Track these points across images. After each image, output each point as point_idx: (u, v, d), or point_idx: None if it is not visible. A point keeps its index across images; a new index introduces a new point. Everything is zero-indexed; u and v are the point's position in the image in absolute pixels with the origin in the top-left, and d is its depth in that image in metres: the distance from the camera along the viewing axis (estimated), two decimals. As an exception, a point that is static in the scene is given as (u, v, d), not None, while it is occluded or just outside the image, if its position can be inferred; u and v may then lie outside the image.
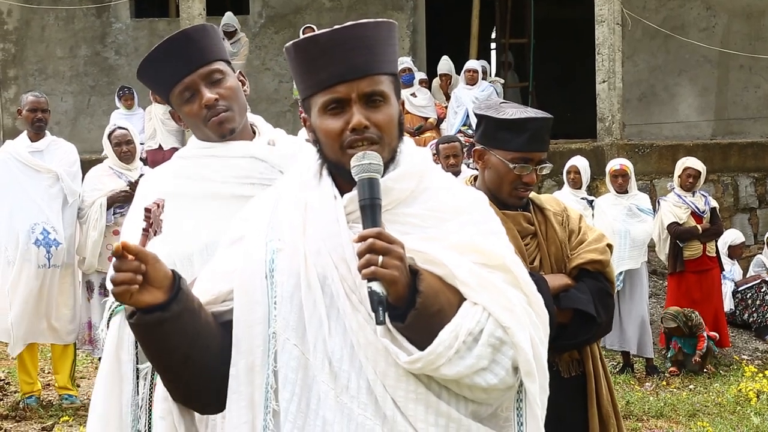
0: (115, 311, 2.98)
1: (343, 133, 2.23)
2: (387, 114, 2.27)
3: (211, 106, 2.94)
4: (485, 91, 13.31)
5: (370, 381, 2.15)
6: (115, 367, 2.98)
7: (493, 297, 2.18)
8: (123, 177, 7.95)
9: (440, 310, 2.15)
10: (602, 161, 11.97)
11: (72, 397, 8.13)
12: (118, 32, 16.28)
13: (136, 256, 2.12)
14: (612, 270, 3.78)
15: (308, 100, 2.31)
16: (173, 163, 3.13)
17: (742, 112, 15.46)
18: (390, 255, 2.08)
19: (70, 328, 7.99)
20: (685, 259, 9.95)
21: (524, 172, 3.60)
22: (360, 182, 2.17)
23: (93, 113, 16.02)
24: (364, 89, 2.24)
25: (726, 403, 8.44)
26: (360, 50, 2.24)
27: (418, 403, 2.14)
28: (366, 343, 2.15)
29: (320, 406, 2.15)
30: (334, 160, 2.27)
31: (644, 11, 14.69)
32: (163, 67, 2.98)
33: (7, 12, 16.22)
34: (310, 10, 16.09)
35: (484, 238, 2.27)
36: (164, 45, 2.98)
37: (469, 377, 2.14)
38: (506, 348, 2.16)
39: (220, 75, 2.98)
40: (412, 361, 2.12)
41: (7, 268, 7.80)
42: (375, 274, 2.06)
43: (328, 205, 2.25)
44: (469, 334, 2.14)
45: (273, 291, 2.21)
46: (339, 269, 2.18)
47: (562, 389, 2.67)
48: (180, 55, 2.95)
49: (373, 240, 2.08)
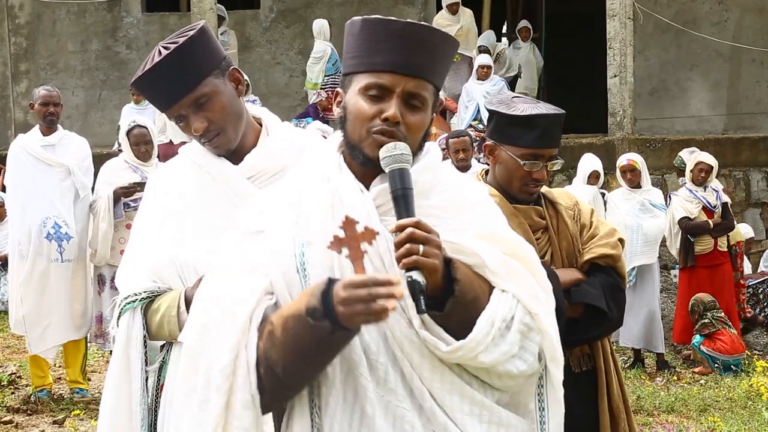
0: (124, 309, 2.97)
1: (373, 119, 2.23)
2: (420, 119, 2.27)
3: (202, 135, 2.93)
4: (496, 86, 13.31)
5: (405, 374, 2.16)
6: (125, 366, 2.97)
7: (520, 284, 2.23)
8: (138, 171, 7.94)
9: (476, 297, 2.18)
10: (613, 156, 11.94)
11: (83, 391, 8.15)
12: (130, 26, 16.31)
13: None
14: (623, 265, 3.78)
15: (351, 76, 2.29)
16: (180, 160, 3.12)
17: (754, 106, 15.40)
18: (429, 244, 2.10)
19: (82, 322, 8.00)
20: (696, 254, 9.94)
21: (534, 168, 3.59)
22: (392, 173, 2.18)
23: (104, 107, 16.05)
24: (409, 88, 2.25)
25: (737, 398, 8.42)
26: (422, 52, 2.25)
27: (453, 394, 2.17)
28: (401, 336, 2.17)
29: (358, 399, 2.16)
30: (355, 141, 2.26)
31: (656, 5, 14.65)
32: (152, 90, 2.98)
33: (18, 6, 16.25)
34: (321, 4, 16.09)
35: (499, 227, 2.33)
36: (152, 70, 2.91)
37: (502, 364, 2.18)
38: (533, 334, 2.22)
39: (205, 98, 2.91)
40: (452, 350, 2.14)
41: (20, 262, 7.83)
42: (417, 263, 2.08)
43: (356, 198, 2.24)
44: (503, 321, 2.18)
45: (306, 284, 2.20)
46: (373, 262, 2.19)
47: (573, 384, 2.67)
48: (168, 79, 2.90)
49: (413, 230, 2.09)
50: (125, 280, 3.02)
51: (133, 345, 2.95)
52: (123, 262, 3.09)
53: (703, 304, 9.57)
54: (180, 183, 3.04)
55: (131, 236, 3.12)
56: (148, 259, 2.98)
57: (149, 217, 3.05)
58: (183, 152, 3.12)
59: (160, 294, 2.95)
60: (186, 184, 3.02)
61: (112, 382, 3.00)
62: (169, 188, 3.05)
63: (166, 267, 2.95)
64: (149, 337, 2.97)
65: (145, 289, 2.95)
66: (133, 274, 2.99)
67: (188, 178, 3.03)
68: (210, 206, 2.96)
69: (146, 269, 2.97)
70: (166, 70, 2.89)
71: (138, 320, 2.94)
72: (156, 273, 2.96)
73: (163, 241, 2.97)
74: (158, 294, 2.95)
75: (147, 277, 2.96)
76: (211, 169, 2.99)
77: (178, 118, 2.97)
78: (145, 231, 3.03)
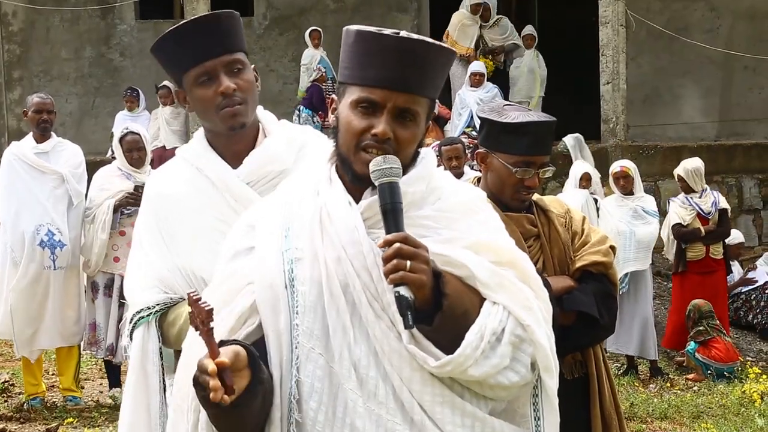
0: (138, 323, 2.94)
1: (363, 133, 2.23)
2: (411, 133, 2.27)
3: (227, 95, 2.88)
4: (489, 93, 13.34)
5: (395, 387, 2.16)
6: (142, 379, 2.94)
7: (512, 296, 2.22)
8: (131, 178, 7.92)
9: (465, 311, 2.18)
10: (606, 163, 11.96)
11: (76, 399, 8.14)
12: (123, 34, 16.31)
13: (220, 370, 2.05)
14: (615, 272, 3.79)
15: (345, 86, 2.29)
16: (177, 163, 3.08)
17: (747, 113, 15.45)
18: (417, 259, 2.10)
19: (75, 330, 8.00)
20: (687, 260, 9.96)
21: (526, 175, 3.60)
22: (381, 187, 2.17)
23: (97, 115, 16.04)
24: (400, 103, 2.24)
25: (730, 404, 8.42)
26: (415, 67, 2.24)
27: (444, 406, 2.17)
28: (390, 350, 2.16)
29: (347, 414, 2.16)
30: (345, 154, 2.26)
31: (648, 13, 14.68)
32: (186, 45, 2.91)
33: (12, 13, 16.25)
34: (314, 11, 16.11)
35: (493, 235, 2.32)
36: (192, 23, 2.92)
37: (493, 377, 2.17)
38: (525, 345, 2.21)
39: (240, 65, 2.93)
40: (441, 365, 2.14)
41: (12, 269, 7.81)
42: (404, 279, 2.08)
43: (344, 212, 2.24)
44: (492, 334, 2.17)
45: (294, 300, 2.20)
46: (361, 277, 2.18)
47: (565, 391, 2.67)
48: (207, 37, 2.89)
49: (400, 245, 2.09)
50: (135, 293, 2.98)
51: (150, 358, 2.92)
52: (129, 273, 3.04)
53: (699, 311, 9.57)
54: (177, 186, 2.99)
55: (133, 245, 3.07)
56: (156, 270, 2.94)
57: (150, 226, 3.01)
58: (180, 153, 3.08)
59: (174, 305, 2.92)
60: (184, 188, 2.98)
61: (129, 395, 2.98)
62: (166, 192, 3.00)
63: (176, 277, 2.91)
64: (167, 347, 2.95)
65: (158, 301, 2.91)
66: (143, 285, 2.95)
67: (186, 182, 2.99)
68: (209, 211, 2.93)
69: (156, 280, 2.93)
70: (207, 27, 2.91)
71: (153, 333, 2.92)
72: (165, 283, 2.92)
73: (169, 250, 2.93)
74: (172, 305, 2.92)
75: (158, 288, 2.92)
76: (210, 173, 2.95)
77: (202, 76, 2.90)
78: (148, 240, 2.99)
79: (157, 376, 2.93)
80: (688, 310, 9.64)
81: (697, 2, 15.59)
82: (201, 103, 2.93)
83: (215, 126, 2.96)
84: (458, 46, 13.72)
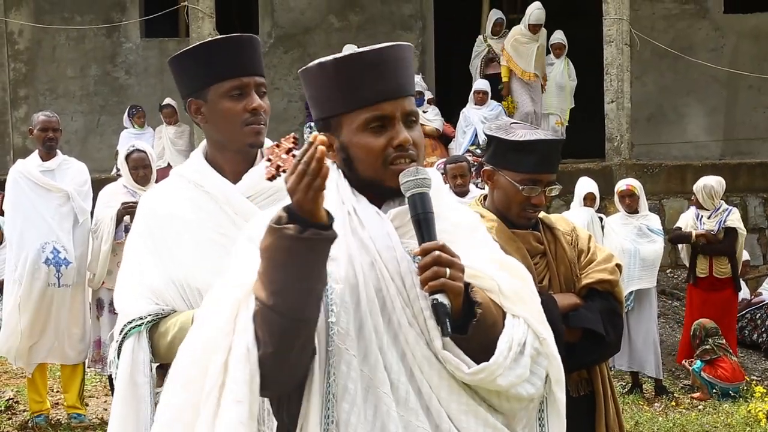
0: (129, 333, 2.94)
1: (386, 149, 2.27)
2: (419, 132, 2.34)
3: (256, 113, 2.96)
4: (494, 111, 13.36)
5: (424, 394, 2.19)
6: (131, 391, 2.93)
7: (530, 310, 2.28)
8: (137, 196, 7.93)
9: (495, 322, 2.23)
10: (611, 181, 11.97)
11: (81, 416, 8.13)
12: (128, 52, 16.36)
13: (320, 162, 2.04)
14: (621, 290, 3.79)
15: (338, 117, 2.30)
16: (173, 181, 3.10)
17: (751, 132, 15.46)
18: (455, 267, 2.14)
19: (80, 347, 7.99)
20: (696, 276, 10.05)
21: (533, 193, 3.61)
22: (412, 197, 2.21)
23: (103, 132, 16.08)
24: (406, 108, 2.30)
25: (735, 423, 8.41)
26: (402, 70, 2.31)
27: (468, 416, 2.20)
28: (420, 357, 2.19)
29: (378, 417, 2.17)
30: (371, 177, 2.28)
31: (653, 32, 14.72)
32: (228, 56, 2.95)
33: (18, 32, 16.31)
34: (319, 30, 16.15)
35: (499, 252, 2.38)
36: (239, 38, 2.99)
37: (515, 387, 2.21)
38: (541, 359, 2.26)
39: (265, 89, 3.03)
40: (475, 372, 2.17)
41: (16, 287, 7.82)
42: (444, 286, 2.12)
43: (375, 219, 2.27)
44: (518, 345, 2.22)
45: (329, 298, 2.19)
46: (395, 282, 2.21)
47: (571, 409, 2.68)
48: (249, 54, 2.98)
49: (439, 253, 2.13)
50: (126, 304, 2.98)
51: (140, 369, 2.92)
52: (119, 285, 3.05)
53: (705, 330, 9.57)
54: (174, 202, 3.01)
55: (124, 258, 3.08)
56: (148, 281, 2.94)
57: (142, 239, 3.02)
58: (176, 173, 3.10)
59: (165, 316, 2.92)
60: (181, 203, 3.00)
61: (118, 408, 2.97)
62: (162, 208, 3.01)
63: (168, 288, 2.92)
64: (156, 360, 2.95)
65: (150, 312, 2.92)
66: (134, 297, 2.96)
67: (183, 197, 3.00)
68: (208, 225, 2.94)
69: (147, 292, 2.94)
70: (250, 45, 3.00)
71: (144, 344, 2.92)
72: (157, 295, 2.93)
73: (162, 262, 2.94)
74: (163, 316, 2.93)
75: (149, 300, 2.93)
76: (210, 188, 2.97)
77: (235, 89, 2.95)
78: (140, 252, 3.00)
79: (147, 387, 2.92)
80: (693, 328, 9.65)
81: (701, 21, 15.63)
82: (226, 115, 2.97)
83: (233, 140, 3.00)
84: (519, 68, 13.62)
